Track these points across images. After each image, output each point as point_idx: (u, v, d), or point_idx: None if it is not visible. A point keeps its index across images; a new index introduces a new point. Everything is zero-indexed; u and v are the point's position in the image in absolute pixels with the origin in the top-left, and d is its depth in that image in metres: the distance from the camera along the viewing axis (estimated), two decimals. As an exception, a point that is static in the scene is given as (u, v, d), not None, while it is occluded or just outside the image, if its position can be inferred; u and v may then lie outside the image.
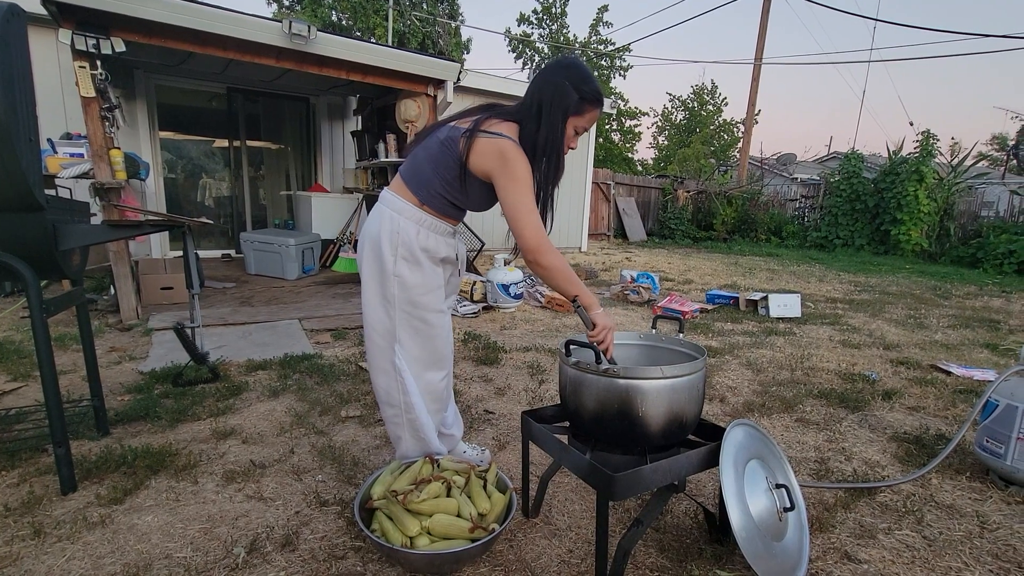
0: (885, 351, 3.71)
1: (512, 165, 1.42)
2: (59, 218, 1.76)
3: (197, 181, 7.38)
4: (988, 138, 30.00)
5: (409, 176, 1.57)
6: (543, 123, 1.44)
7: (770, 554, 1.33)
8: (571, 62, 1.49)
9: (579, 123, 1.50)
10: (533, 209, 1.44)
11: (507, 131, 1.45)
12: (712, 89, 23.20)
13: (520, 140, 1.46)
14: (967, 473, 2.03)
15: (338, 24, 14.96)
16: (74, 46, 3.38)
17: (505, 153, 1.42)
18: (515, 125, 1.48)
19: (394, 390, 1.65)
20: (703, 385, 1.45)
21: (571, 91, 1.44)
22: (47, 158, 3.61)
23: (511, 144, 1.43)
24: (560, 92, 1.44)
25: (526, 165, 1.44)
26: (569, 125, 1.48)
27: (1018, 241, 8.30)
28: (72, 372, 2.78)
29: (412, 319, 1.59)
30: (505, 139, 1.43)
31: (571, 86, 1.44)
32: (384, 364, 1.64)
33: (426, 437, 1.70)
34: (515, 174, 1.42)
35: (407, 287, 1.55)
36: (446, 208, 1.58)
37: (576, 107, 1.46)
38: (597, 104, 1.49)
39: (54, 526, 1.55)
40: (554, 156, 1.48)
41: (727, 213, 12.37)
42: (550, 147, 1.46)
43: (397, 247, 1.53)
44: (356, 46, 4.46)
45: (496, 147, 1.43)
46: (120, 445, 2.01)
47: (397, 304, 1.57)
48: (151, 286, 4.29)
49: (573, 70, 1.46)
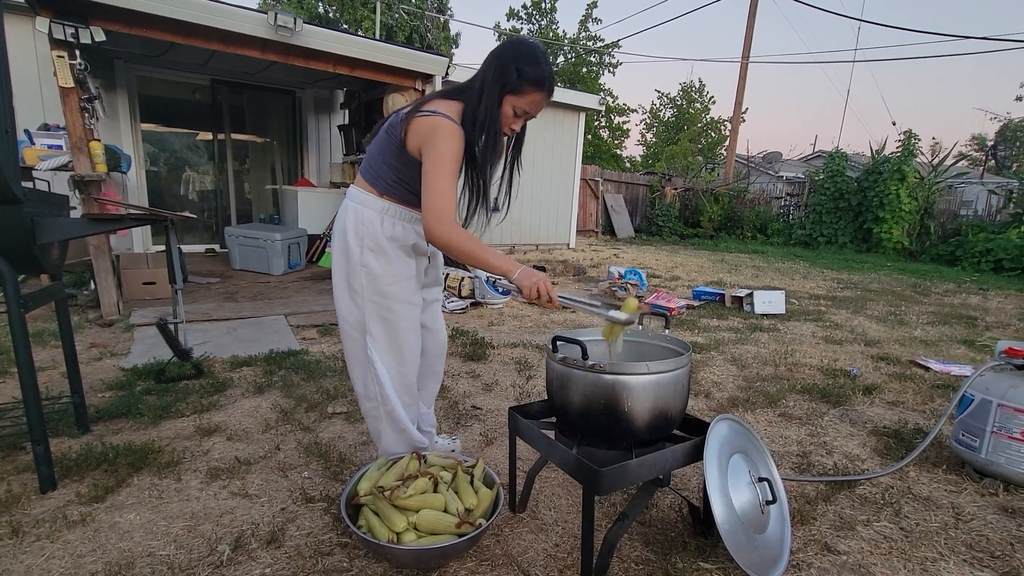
0: (866, 347, 3.78)
1: (436, 140, 1.39)
2: (37, 211, 1.72)
3: (180, 175, 7.25)
4: (968, 138, 30.66)
5: (365, 170, 1.58)
6: (482, 100, 1.42)
7: (752, 546, 1.36)
8: (520, 42, 1.46)
9: (518, 103, 1.45)
10: (443, 189, 1.38)
11: (446, 109, 1.43)
12: (700, 87, 23.36)
13: (463, 118, 1.44)
14: (943, 466, 2.08)
15: (325, 16, 14.76)
16: (52, 35, 3.29)
17: (434, 128, 1.40)
18: (459, 104, 1.46)
19: (370, 382, 1.65)
20: (688, 380, 1.47)
21: (511, 69, 1.41)
22: (24, 150, 3.53)
23: (443, 120, 1.40)
24: (500, 69, 1.41)
25: (452, 143, 1.40)
26: (507, 103, 1.44)
27: (995, 240, 8.49)
28: (51, 368, 2.73)
29: (381, 309, 1.58)
30: (439, 116, 1.40)
31: (512, 64, 1.41)
32: (358, 355, 1.64)
33: (406, 428, 1.70)
34: (437, 150, 1.39)
35: (374, 277, 1.55)
36: (407, 196, 1.56)
37: (514, 86, 1.42)
38: (537, 86, 1.43)
39: (33, 525, 1.52)
40: (491, 133, 1.44)
41: (714, 210, 12.49)
42: (486, 123, 1.43)
43: (363, 238, 1.53)
44: (343, 39, 4.41)
45: (428, 123, 1.41)
46: (101, 442, 1.98)
47: (365, 295, 1.56)
48: (133, 281, 4.22)
49: (518, 49, 1.43)
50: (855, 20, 18.36)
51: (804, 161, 19.05)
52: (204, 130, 7.12)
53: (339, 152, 7.20)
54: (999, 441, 1.88)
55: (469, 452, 2.09)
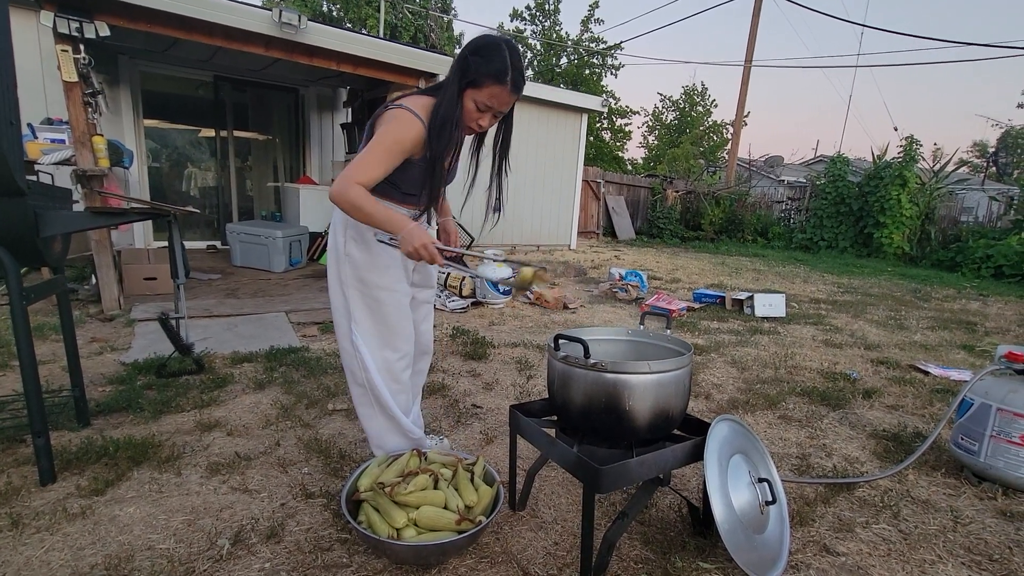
0: (866, 351, 3.78)
1: (385, 127, 1.43)
2: (41, 204, 1.72)
3: (182, 171, 7.25)
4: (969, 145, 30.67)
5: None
6: (446, 94, 1.45)
7: (752, 546, 1.36)
8: (483, 36, 1.46)
9: (478, 96, 1.44)
10: (362, 160, 1.40)
11: (416, 102, 1.46)
12: (702, 91, 23.36)
13: (431, 112, 1.46)
14: (942, 469, 2.08)
15: (329, 14, 14.78)
16: (56, 29, 3.30)
17: (390, 118, 1.44)
18: (431, 99, 1.48)
19: (356, 368, 1.70)
20: (689, 380, 1.47)
21: (472, 62, 1.42)
22: (27, 143, 3.53)
23: (402, 111, 1.43)
24: (460, 62, 1.44)
25: (397, 130, 1.42)
26: (467, 97, 1.45)
27: (995, 246, 8.50)
28: (52, 362, 2.73)
29: (364, 297, 1.64)
30: (401, 108, 1.44)
31: (472, 58, 1.42)
32: (346, 343, 1.70)
33: (395, 415, 1.72)
34: (379, 133, 1.43)
35: (356, 265, 1.61)
36: (390, 191, 1.57)
37: (473, 79, 1.42)
38: (495, 79, 1.42)
39: (33, 517, 1.53)
40: (448, 125, 1.45)
41: (715, 213, 12.48)
42: (445, 116, 1.44)
43: (347, 228, 1.60)
44: (347, 37, 4.42)
45: (389, 114, 1.46)
46: (101, 436, 1.98)
47: (350, 283, 1.63)
48: (134, 276, 4.22)
49: (480, 42, 1.44)
50: (858, 25, 18.36)
51: (806, 165, 19.07)
52: (207, 127, 7.12)
53: (341, 150, 7.20)
54: (998, 445, 1.88)
55: (469, 450, 2.09)
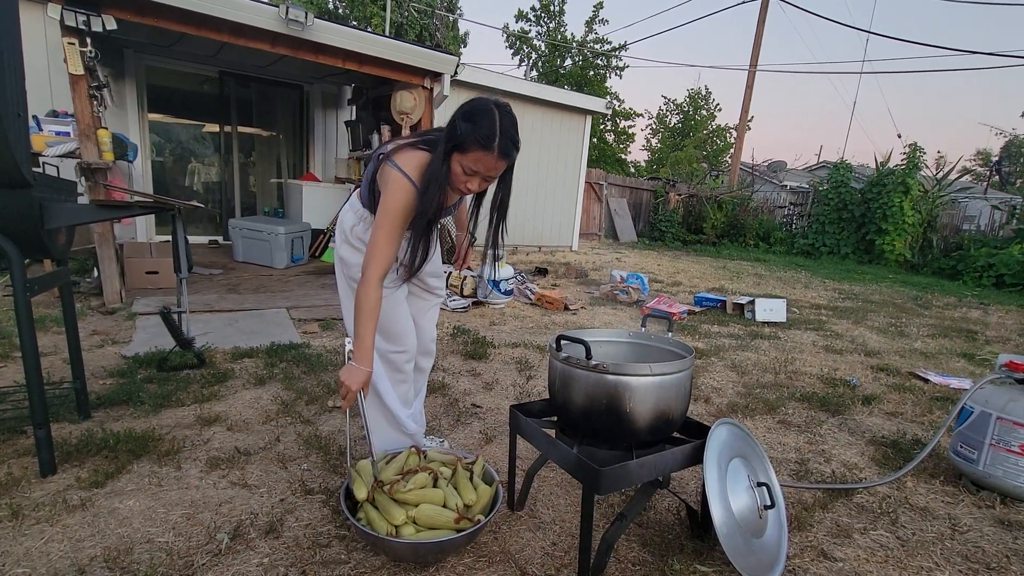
0: (866, 357, 3.78)
1: (387, 196, 1.48)
2: (46, 196, 1.73)
3: (186, 165, 7.25)
4: (972, 153, 30.66)
5: (361, 189, 1.74)
6: (436, 154, 1.47)
7: (750, 550, 1.36)
8: (478, 101, 1.44)
9: (464, 161, 1.44)
10: (379, 247, 1.47)
11: (410, 161, 1.48)
12: (707, 94, 23.35)
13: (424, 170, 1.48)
14: (941, 477, 2.08)
15: (335, 12, 14.79)
16: (63, 22, 3.30)
17: (387, 181, 1.49)
18: (425, 155, 1.50)
19: None
20: (690, 383, 1.47)
21: (460, 126, 1.42)
22: (32, 135, 3.53)
23: (396, 175, 1.47)
24: (451, 127, 1.44)
25: (398, 199, 1.46)
26: (455, 161, 1.45)
27: (997, 255, 8.49)
28: (53, 354, 2.74)
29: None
30: (395, 170, 1.47)
31: (461, 122, 1.42)
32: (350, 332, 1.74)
33: (391, 406, 1.75)
34: (385, 205, 1.48)
35: (347, 265, 1.74)
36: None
37: (460, 144, 1.42)
38: (480, 146, 1.40)
39: (33, 508, 1.53)
40: (433, 187, 1.47)
41: (717, 217, 12.48)
42: (430, 177, 1.46)
43: (344, 232, 1.74)
44: (353, 34, 4.42)
45: (386, 174, 1.51)
46: (102, 429, 1.99)
47: (347, 281, 1.76)
48: (136, 270, 4.23)
49: (470, 106, 1.44)
50: (863, 32, 18.35)
51: (808, 171, 19.07)
52: (211, 122, 7.12)
53: (345, 148, 7.20)
54: (997, 454, 1.88)
55: (469, 449, 2.09)
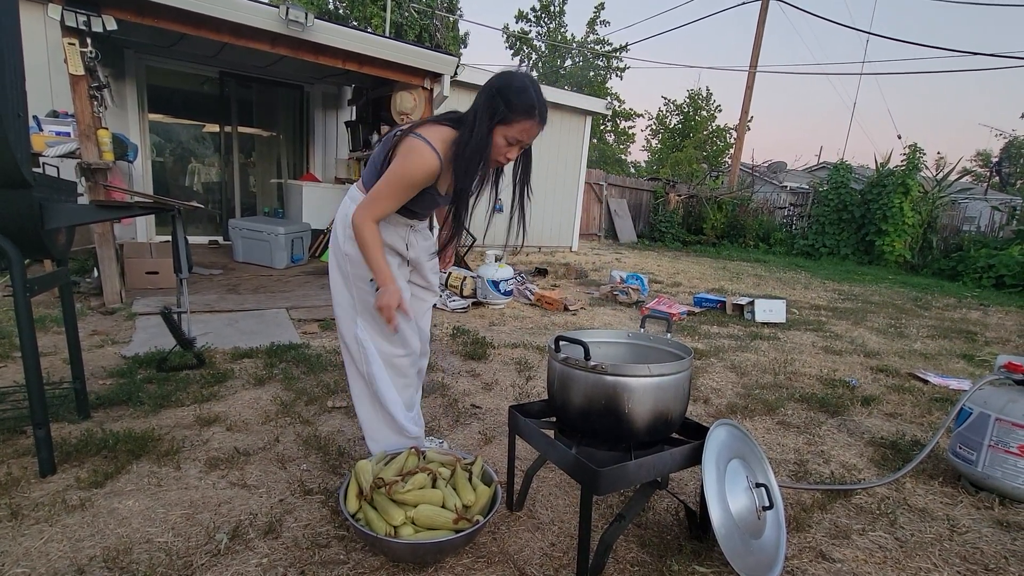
0: (866, 358, 3.78)
1: (404, 157, 1.48)
2: (46, 196, 1.73)
3: (186, 166, 7.26)
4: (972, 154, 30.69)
5: (364, 173, 1.70)
6: (473, 131, 1.47)
7: (748, 551, 1.36)
8: (509, 74, 1.49)
9: (508, 132, 1.48)
10: (380, 192, 1.49)
11: (435, 134, 1.49)
12: (707, 95, 23.35)
13: (454, 145, 1.49)
14: (940, 478, 2.08)
15: (335, 12, 14.80)
16: (64, 22, 3.30)
17: (410, 147, 1.48)
18: (450, 131, 1.51)
19: (360, 361, 1.72)
20: (689, 384, 1.48)
21: (499, 100, 1.45)
22: (33, 135, 3.53)
23: (422, 144, 1.47)
24: (489, 100, 1.46)
25: (415, 164, 1.47)
26: (497, 133, 1.48)
27: (997, 256, 8.49)
28: (53, 354, 2.74)
29: (367, 295, 1.68)
30: (420, 140, 1.47)
31: (500, 95, 1.45)
32: (349, 338, 1.73)
33: (392, 411, 1.74)
34: (397, 164, 1.49)
35: (356, 264, 1.65)
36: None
37: (503, 115, 1.45)
38: (525, 115, 1.46)
39: (32, 508, 1.53)
40: (476, 161, 1.48)
41: (717, 218, 12.48)
42: (474, 152, 1.47)
43: (347, 228, 1.64)
44: (353, 35, 4.43)
45: (408, 144, 1.49)
46: (101, 429, 1.99)
47: (352, 280, 1.67)
48: (136, 270, 4.23)
49: (507, 80, 1.47)
50: (863, 33, 18.36)
51: (808, 172, 19.06)
52: (211, 122, 7.13)
53: (345, 148, 7.21)
54: (996, 455, 1.88)
55: (468, 450, 2.09)
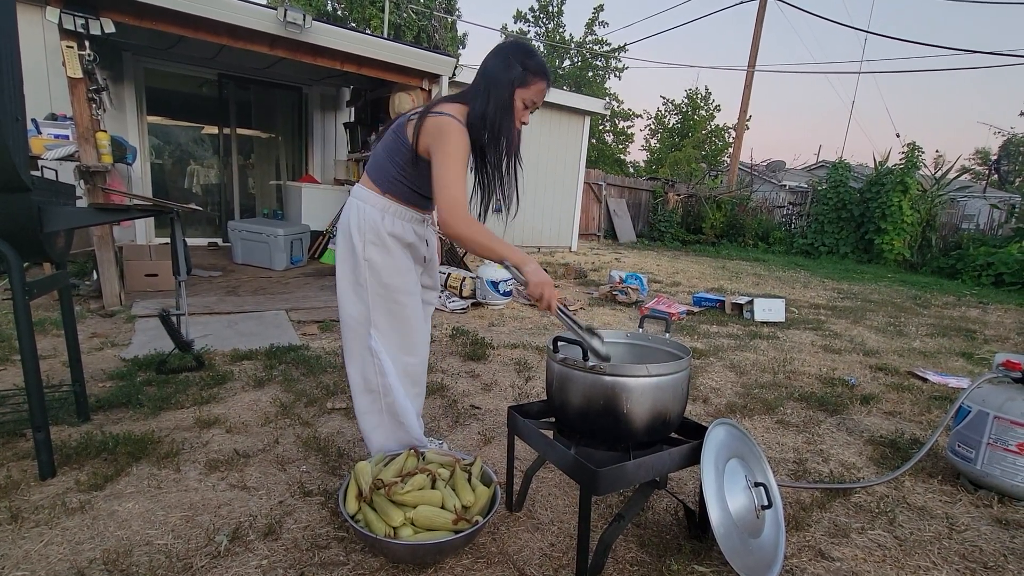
0: (865, 357, 3.79)
1: (445, 138, 1.47)
2: (45, 199, 1.73)
3: (185, 167, 7.26)
4: (971, 152, 30.73)
5: (371, 168, 1.65)
6: (491, 98, 1.50)
7: (747, 550, 1.36)
8: (514, 41, 1.58)
9: (526, 95, 1.54)
10: (454, 183, 1.45)
11: (451, 111, 1.50)
12: (706, 95, 23.37)
13: (470, 119, 1.51)
14: (939, 476, 2.08)
15: (333, 14, 14.81)
16: (62, 25, 3.31)
17: (442, 127, 1.47)
18: (462, 106, 1.53)
19: (371, 374, 1.67)
20: (687, 384, 1.48)
21: (516, 64, 1.50)
22: (31, 139, 3.53)
23: (451, 120, 1.48)
24: (505, 66, 1.50)
25: (460, 141, 1.47)
26: (517, 97, 1.53)
27: (996, 254, 8.50)
28: (52, 357, 2.74)
29: (387, 302, 1.64)
30: (447, 116, 1.48)
31: (515, 60, 1.50)
32: (359, 349, 1.67)
33: (406, 422, 1.72)
34: (446, 148, 1.46)
35: (377, 269, 1.60)
36: (409, 196, 1.62)
37: (521, 79, 1.51)
38: (542, 76, 1.53)
39: (32, 511, 1.53)
40: (508, 128, 1.53)
41: (716, 217, 12.49)
42: (502, 119, 1.52)
43: (364, 232, 1.59)
44: (351, 37, 4.43)
45: (436, 123, 1.49)
46: (101, 431, 1.99)
47: (370, 288, 1.61)
48: (135, 272, 4.23)
49: (515, 46, 1.55)
50: (861, 31, 18.38)
51: (807, 170, 19.08)
52: (210, 124, 7.13)
53: (344, 149, 7.21)
54: (994, 453, 1.89)
55: (467, 450, 2.09)
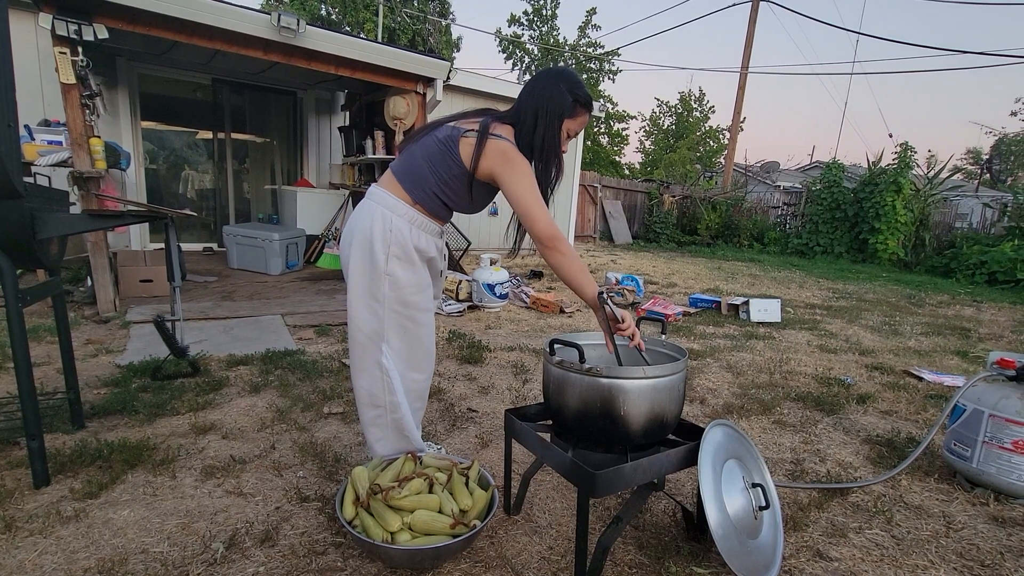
0: (861, 356, 3.80)
1: (517, 163, 1.48)
2: (37, 206, 1.72)
3: (179, 173, 7.25)
4: (963, 152, 30.95)
5: (403, 174, 1.56)
6: (540, 126, 1.51)
7: (745, 551, 1.37)
8: (564, 70, 1.59)
9: (571, 126, 1.57)
10: (544, 212, 1.48)
11: (508, 134, 1.52)
12: (700, 96, 23.49)
13: (516, 142, 1.51)
14: (935, 475, 2.09)
15: (327, 18, 14.82)
16: (55, 31, 3.30)
17: (508, 154, 1.48)
18: (511, 128, 1.54)
19: (379, 390, 1.62)
20: (684, 385, 1.48)
21: (566, 95, 1.52)
22: (24, 145, 3.52)
23: (511, 147, 1.49)
24: (557, 96, 1.51)
25: (528, 168, 1.50)
26: (564, 127, 1.55)
27: (989, 253, 8.55)
28: (46, 364, 2.72)
29: (402, 319, 1.59)
30: (507, 142, 1.49)
31: (566, 90, 1.52)
32: (368, 364, 1.61)
33: (410, 435, 1.70)
34: (522, 171, 1.48)
35: (399, 286, 1.55)
36: (438, 208, 1.60)
37: (570, 110, 1.53)
38: (588, 108, 1.57)
39: (26, 520, 1.52)
40: (553, 157, 1.55)
41: (711, 218, 12.54)
42: (549, 149, 1.54)
43: (390, 245, 1.51)
44: (345, 41, 4.44)
45: (500, 149, 1.48)
46: (96, 439, 1.98)
47: (387, 304, 1.55)
48: (130, 278, 4.21)
49: (567, 76, 1.56)
50: (853, 33, 18.52)
51: (801, 171, 19.17)
52: (204, 129, 7.13)
53: (339, 153, 7.21)
54: (990, 451, 1.89)
55: (464, 454, 2.09)
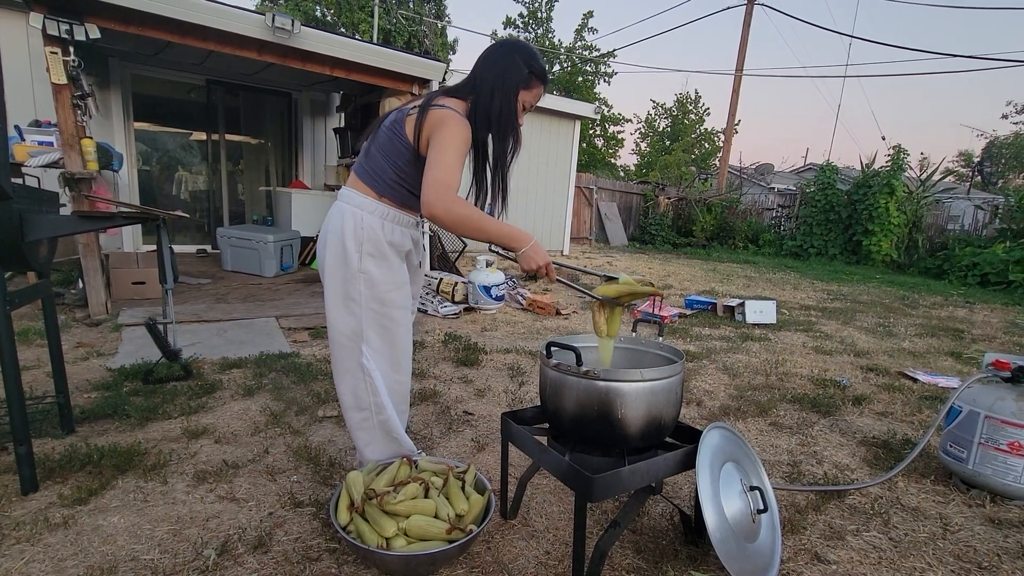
0: (856, 358, 3.81)
1: (446, 129, 1.40)
2: (26, 207, 1.70)
3: (173, 174, 7.20)
4: (955, 154, 31.26)
5: (362, 171, 1.56)
6: (496, 98, 1.50)
7: (743, 555, 1.36)
8: (518, 42, 1.58)
9: (527, 98, 1.56)
10: (447, 164, 1.36)
11: (455, 105, 1.49)
12: (695, 99, 23.59)
13: (472, 115, 1.50)
14: (931, 477, 2.09)
15: (322, 19, 14.78)
16: (45, 31, 3.27)
17: (444, 119, 1.42)
18: (463, 102, 1.53)
19: (363, 392, 1.60)
20: (681, 388, 1.47)
21: (522, 67, 1.51)
22: (14, 146, 3.48)
23: (452, 112, 1.43)
24: (514, 68, 1.51)
25: (463, 133, 1.42)
26: (520, 99, 1.54)
27: (981, 254, 8.62)
28: (36, 368, 2.68)
29: (380, 317, 1.56)
30: (448, 109, 1.44)
31: (522, 62, 1.51)
32: (350, 366, 1.58)
33: (399, 437, 1.68)
34: (445, 136, 1.39)
35: (374, 284, 1.52)
36: (405, 198, 1.56)
37: (526, 81, 1.53)
38: (543, 80, 1.56)
39: (13, 527, 1.49)
40: (511, 128, 1.54)
41: (706, 220, 12.57)
42: (506, 120, 1.52)
43: (362, 243, 1.49)
44: (341, 42, 4.42)
45: (438, 115, 1.43)
46: (85, 444, 1.95)
47: (364, 302, 1.52)
48: (122, 280, 4.17)
49: (521, 48, 1.55)
50: (846, 36, 18.69)
51: (796, 173, 19.29)
52: (198, 130, 7.08)
53: (334, 155, 7.18)
54: (986, 452, 1.90)
55: (460, 458, 2.07)
